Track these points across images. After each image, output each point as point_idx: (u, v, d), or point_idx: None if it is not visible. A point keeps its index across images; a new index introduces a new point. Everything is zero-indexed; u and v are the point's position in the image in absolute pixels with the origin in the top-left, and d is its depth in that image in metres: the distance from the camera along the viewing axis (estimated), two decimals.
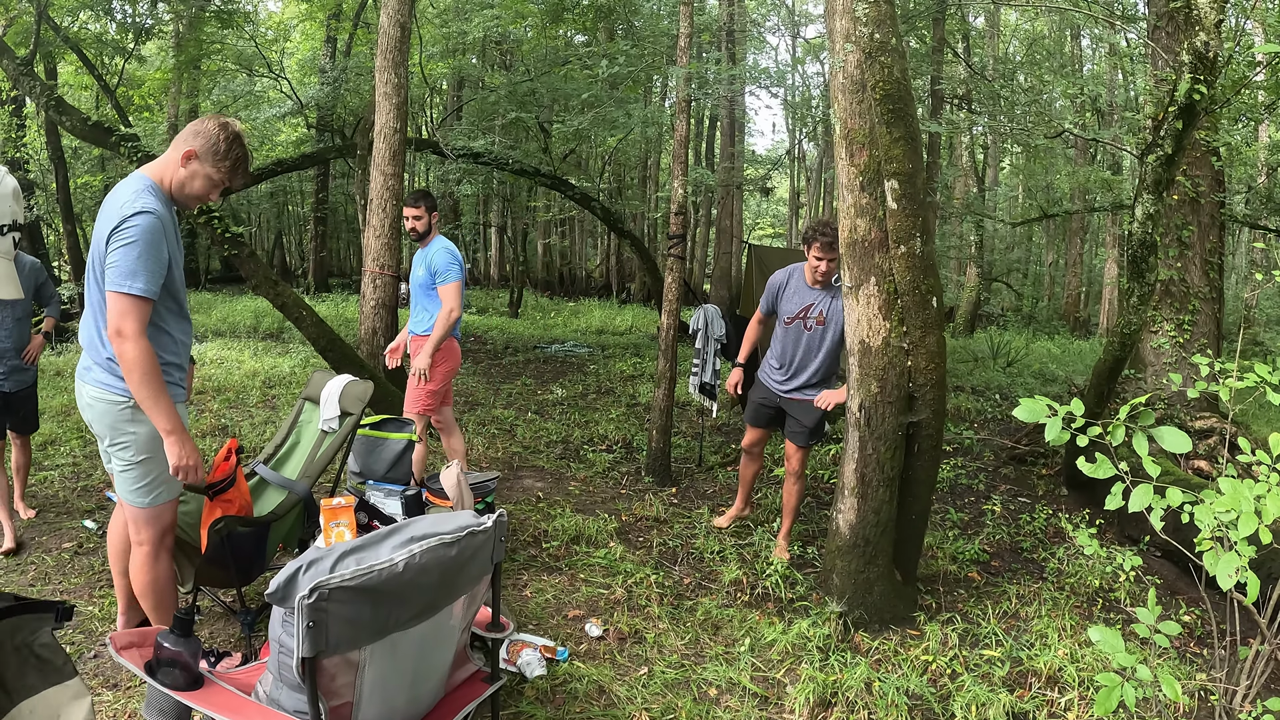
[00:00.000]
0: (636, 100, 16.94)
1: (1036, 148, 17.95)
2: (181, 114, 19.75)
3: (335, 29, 20.06)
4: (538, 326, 16.74)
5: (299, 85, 19.29)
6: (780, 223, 37.12)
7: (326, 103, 17.95)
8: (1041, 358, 14.26)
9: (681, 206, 6.42)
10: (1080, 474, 6.07)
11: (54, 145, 15.17)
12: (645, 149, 25.79)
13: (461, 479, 3.97)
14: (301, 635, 1.89)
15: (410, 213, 5.27)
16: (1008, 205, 26.64)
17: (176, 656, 2.35)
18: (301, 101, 18.15)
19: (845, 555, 4.20)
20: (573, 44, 18.64)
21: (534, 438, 7.65)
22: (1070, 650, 3.81)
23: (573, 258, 30.80)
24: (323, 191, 22.62)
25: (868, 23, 3.98)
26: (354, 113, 18.68)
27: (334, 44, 20.50)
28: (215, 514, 3.63)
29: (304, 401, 4.28)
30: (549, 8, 14.30)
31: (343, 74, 17.41)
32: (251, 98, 20.27)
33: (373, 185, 7.63)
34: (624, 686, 3.54)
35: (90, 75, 12.91)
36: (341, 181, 24.96)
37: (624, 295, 25.86)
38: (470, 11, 14.72)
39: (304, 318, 7.10)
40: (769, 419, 5.18)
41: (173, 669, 2.34)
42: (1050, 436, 2.55)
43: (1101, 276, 21.76)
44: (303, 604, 1.86)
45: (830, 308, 4.81)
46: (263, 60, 18.76)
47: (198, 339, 12.14)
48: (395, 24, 7.49)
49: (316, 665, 1.96)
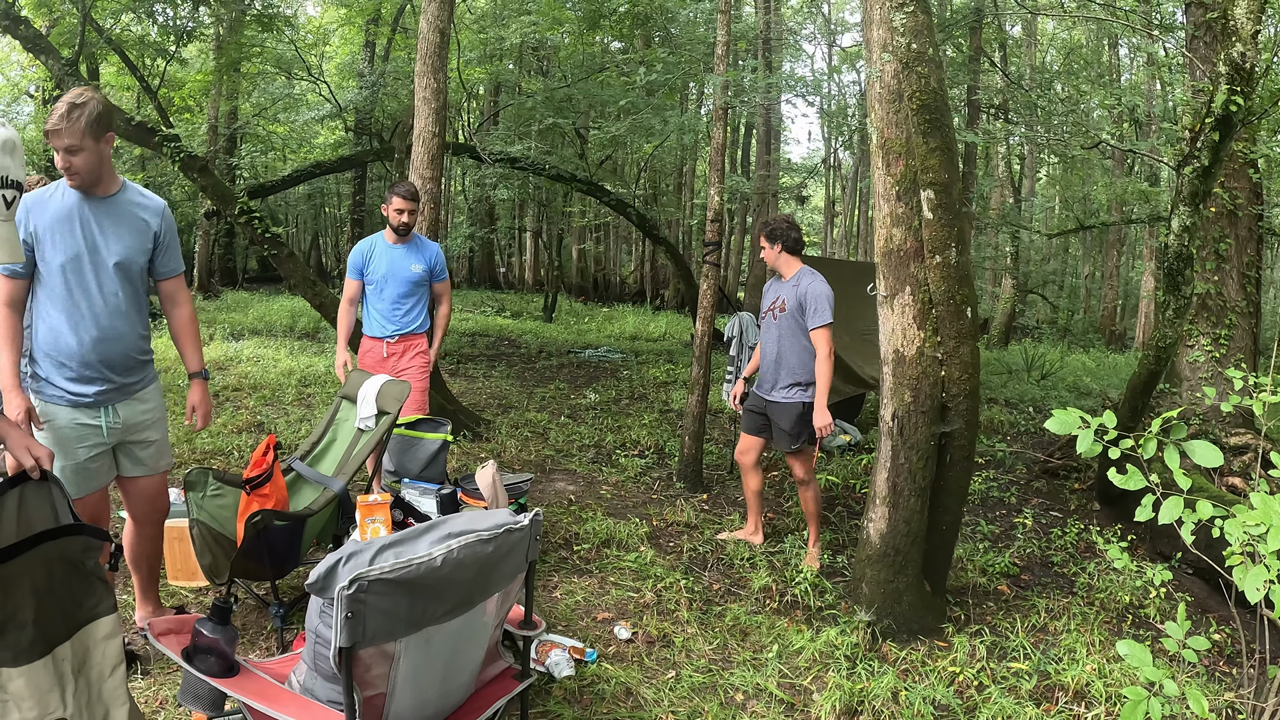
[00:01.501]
0: (673, 107, 16.98)
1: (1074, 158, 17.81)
2: (221, 115, 20.07)
3: (374, 34, 20.28)
4: (571, 331, 16.81)
5: (337, 89, 19.52)
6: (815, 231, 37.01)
7: (365, 106, 18.15)
8: (1076, 371, 14.12)
9: (718, 214, 6.44)
10: (1112, 489, 6.03)
11: None
12: (681, 156, 25.84)
13: (497, 479, 4.02)
14: (340, 625, 1.93)
15: (407, 207, 5.19)
16: (1044, 216, 26.41)
17: (213, 644, 2.40)
18: (340, 105, 18.37)
19: (875, 564, 4.20)
20: (609, 51, 18.73)
21: (566, 441, 7.70)
22: (1098, 665, 3.79)
23: (607, 263, 30.93)
24: (360, 194, 22.85)
25: (905, 33, 4.00)
26: (392, 116, 18.90)
27: (372, 48, 20.73)
28: (252, 507, 3.70)
29: (341, 400, 4.34)
30: (586, 15, 14.38)
31: (381, 78, 17.61)
32: (290, 100, 20.54)
33: None
34: (651, 689, 3.57)
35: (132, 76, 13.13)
36: (378, 184, 25.19)
37: (658, 302, 25.91)
38: (508, 17, 14.84)
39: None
40: (759, 426, 5.22)
41: (209, 656, 2.39)
42: (1082, 449, 2.55)
43: (1138, 289, 21.49)
44: (342, 595, 1.90)
45: (790, 295, 4.94)
46: (302, 64, 19.01)
47: (234, 337, 12.31)
48: (435, 29, 7.57)
49: (353, 656, 2.00)
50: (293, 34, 18.14)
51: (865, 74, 4.27)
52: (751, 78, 13.05)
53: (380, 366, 5.16)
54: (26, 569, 1.99)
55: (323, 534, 4.06)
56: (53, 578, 2.05)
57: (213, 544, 3.79)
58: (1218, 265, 6.58)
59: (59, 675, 2.04)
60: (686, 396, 6.62)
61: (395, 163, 13.19)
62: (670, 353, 13.94)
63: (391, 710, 2.22)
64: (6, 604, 1.95)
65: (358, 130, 19.46)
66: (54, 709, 2.02)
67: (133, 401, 3.30)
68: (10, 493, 2.31)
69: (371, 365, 5.19)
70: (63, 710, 2.04)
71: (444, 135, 7.52)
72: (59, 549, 2.08)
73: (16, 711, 1.97)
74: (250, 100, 21.13)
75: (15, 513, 2.31)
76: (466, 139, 16.55)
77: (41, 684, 2.01)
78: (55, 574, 2.06)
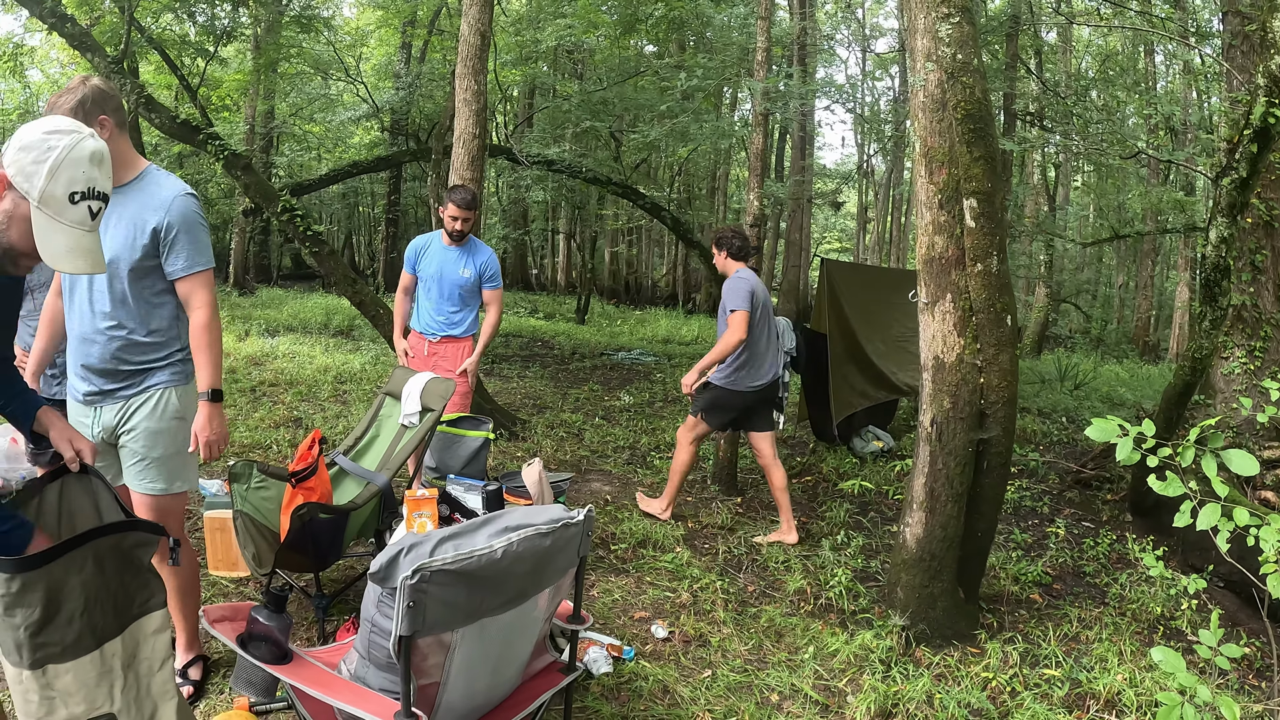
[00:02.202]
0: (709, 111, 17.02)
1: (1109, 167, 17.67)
2: (259, 115, 20.33)
3: (410, 35, 20.46)
4: (604, 334, 16.88)
5: (374, 89, 19.72)
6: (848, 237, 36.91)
7: (401, 107, 18.31)
8: (1110, 382, 14.00)
9: (757, 218, 6.48)
10: (1145, 500, 6.01)
11: (135, 142, 15.62)
12: (715, 160, 25.86)
13: (543, 476, 4.08)
14: (401, 614, 1.99)
15: (463, 215, 5.24)
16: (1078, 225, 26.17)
17: (268, 632, 2.46)
18: (377, 105, 18.55)
19: (910, 569, 4.23)
20: (644, 55, 18.80)
21: (601, 442, 7.76)
22: (1130, 674, 3.80)
23: (639, 266, 31.00)
24: (395, 194, 23.07)
25: (950, 43, 4.02)
26: (428, 117, 19.05)
27: (409, 50, 20.91)
28: (297, 500, 3.77)
29: (384, 396, 4.42)
30: (622, 18, 14.46)
31: (417, 79, 17.78)
32: (326, 101, 20.76)
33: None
34: (687, 688, 3.61)
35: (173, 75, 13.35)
36: (413, 184, 25.42)
37: (690, 305, 25.93)
38: (543, 20, 14.94)
39: (380, 316, 7.29)
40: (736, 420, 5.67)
41: (263, 643, 2.44)
42: (1121, 456, 2.57)
43: (1172, 300, 21.27)
44: (405, 584, 1.96)
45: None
46: (339, 65, 19.22)
47: (269, 334, 12.47)
48: (475, 32, 7.66)
49: (411, 644, 2.06)
50: (330, 35, 18.35)
51: (910, 82, 4.29)
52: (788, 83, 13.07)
53: (423, 363, 5.24)
54: (76, 565, 2.00)
55: (364, 528, 4.13)
56: (104, 572, 2.07)
57: (256, 535, 3.87)
58: (1254, 276, 6.53)
59: (107, 670, 2.06)
60: None
61: (432, 164, 13.31)
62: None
63: (443, 699, 2.28)
64: (54, 600, 1.96)
65: (393, 131, 19.64)
66: (101, 704, 2.04)
67: (120, 409, 3.02)
68: (52, 485, 2.36)
69: (415, 361, 5.27)
70: (110, 705, 2.05)
71: (484, 137, 7.61)
72: (112, 543, 2.10)
73: (64, 708, 1.99)
74: (287, 100, 21.36)
75: (56, 504, 2.36)
76: (503, 141, 16.67)
77: (89, 679, 2.03)
78: (107, 569, 2.08)
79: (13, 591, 1.91)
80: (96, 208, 2.02)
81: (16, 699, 2.00)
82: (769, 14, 6.65)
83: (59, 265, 2.01)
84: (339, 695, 2.27)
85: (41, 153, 1.94)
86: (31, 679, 1.96)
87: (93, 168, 2.00)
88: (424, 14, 18.01)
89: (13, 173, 1.94)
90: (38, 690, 1.97)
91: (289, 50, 17.22)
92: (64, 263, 2.00)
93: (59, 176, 1.95)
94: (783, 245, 23.61)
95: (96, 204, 2.02)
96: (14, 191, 1.95)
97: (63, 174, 1.96)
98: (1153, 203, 16.58)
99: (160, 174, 3.02)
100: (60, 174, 1.95)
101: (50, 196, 1.95)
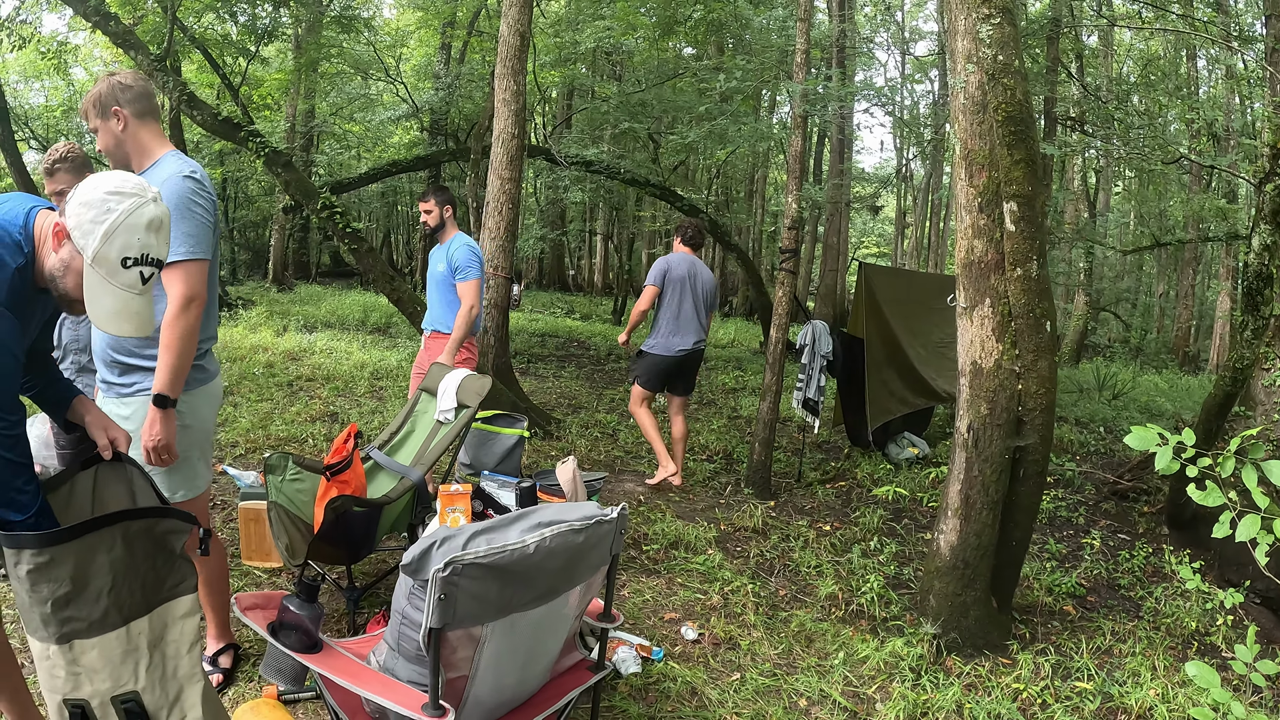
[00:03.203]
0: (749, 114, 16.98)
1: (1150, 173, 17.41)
2: (299, 113, 20.56)
3: (449, 36, 20.61)
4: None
5: (413, 90, 19.87)
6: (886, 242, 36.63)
7: (440, 107, 18.44)
8: (1149, 392, 13.81)
9: (795, 221, 6.45)
10: (1182, 514, 5.91)
11: (177, 138, 15.86)
12: (753, 163, 25.79)
13: (577, 475, 4.08)
14: (432, 607, 2.00)
15: (422, 206, 5.26)
16: (1118, 232, 25.80)
17: (299, 621, 2.48)
18: (416, 105, 18.69)
19: (944, 577, 4.18)
20: (683, 57, 18.79)
21: (636, 443, 7.76)
22: (1163, 689, 3.73)
23: None
24: None
25: (991, 44, 3.98)
26: (467, 118, 19.17)
27: (448, 51, 21.06)
28: (331, 493, 3.80)
29: (421, 392, 4.45)
30: (660, 20, 14.46)
31: (456, 80, 17.89)
32: (366, 100, 20.95)
33: (489, 189, 7.83)
34: (716, 690, 3.60)
35: (214, 74, 13.55)
36: (452, 184, 25.57)
37: (726, 308, 25.89)
38: (582, 22, 14.98)
39: (417, 313, 7.35)
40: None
41: (294, 632, 2.46)
42: (1160, 465, 2.53)
43: (1213, 310, 20.91)
44: (436, 576, 1.97)
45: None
46: (379, 65, 19.38)
47: (307, 329, 12.61)
48: (515, 33, 7.71)
49: (441, 637, 2.07)
50: (370, 35, 18.53)
51: (950, 84, 4.25)
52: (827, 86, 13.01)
53: (425, 357, 5.33)
54: (105, 543, 2.04)
55: (397, 522, 4.15)
56: (134, 554, 2.10)
57: (289, 526, 3.91)
58: None
59: (134, 649, 2.09)
60: (757, 403, 6.64)
61: (471, 163, 13.39)
62: (739, 359, 13.95)
63: (471, 693, 2.29)
64: (81, 576, 2.00)
65: (432, 131, 19.79)
66: (126, 681, 2.06)
67: (112, 405, 2.94)
68: (85, 472, 2.39)
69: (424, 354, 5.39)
70: (135, 683, 2.08)
71: (523, 137, 7.64)
72: (143, 527, 2.13)
73: (89, 684, 2.02)
74: (328, 99, 21.59)
75: (89, 490, 2.40)
76: (541, 142, 16.74)
77: (115, 656, 2.05)
78: (137, 551, 2.11)
79: (40, 564, 1.94)
80: (149, 274, 2.07)
81: (43, 675, 2.03)
82: (809, 16, 6.61)
83: (104, 327, 2.06)
84: (367, 685, 2.28)
85: (100, 213, 1.99)
86: (59, 653, 1.99)
87: (149, 234, 2.05)
88: (463, 15, 18.14)
89: (72, 225, 1.99)
90: (64, 665, 2.00)
91: (329, 50, 17.40)
92: (109, 324, 2.05)
93: (114, 240, 2.00)
94: (820, 249, 23.48)
95: (149, 270, 2.07)
96: (72, 243, 2.00)
97: (118, 238, 2.00)
98: (1194, 210, 16.30)
99: (170, 158, 2.96)
100: (115, 238, 2.00)
101: (103, 258, 1.99)
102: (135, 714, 2.05)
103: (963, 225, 4.12)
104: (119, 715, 2.04)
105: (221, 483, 5.76)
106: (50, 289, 2.10)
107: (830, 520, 5.99)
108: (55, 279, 2.06)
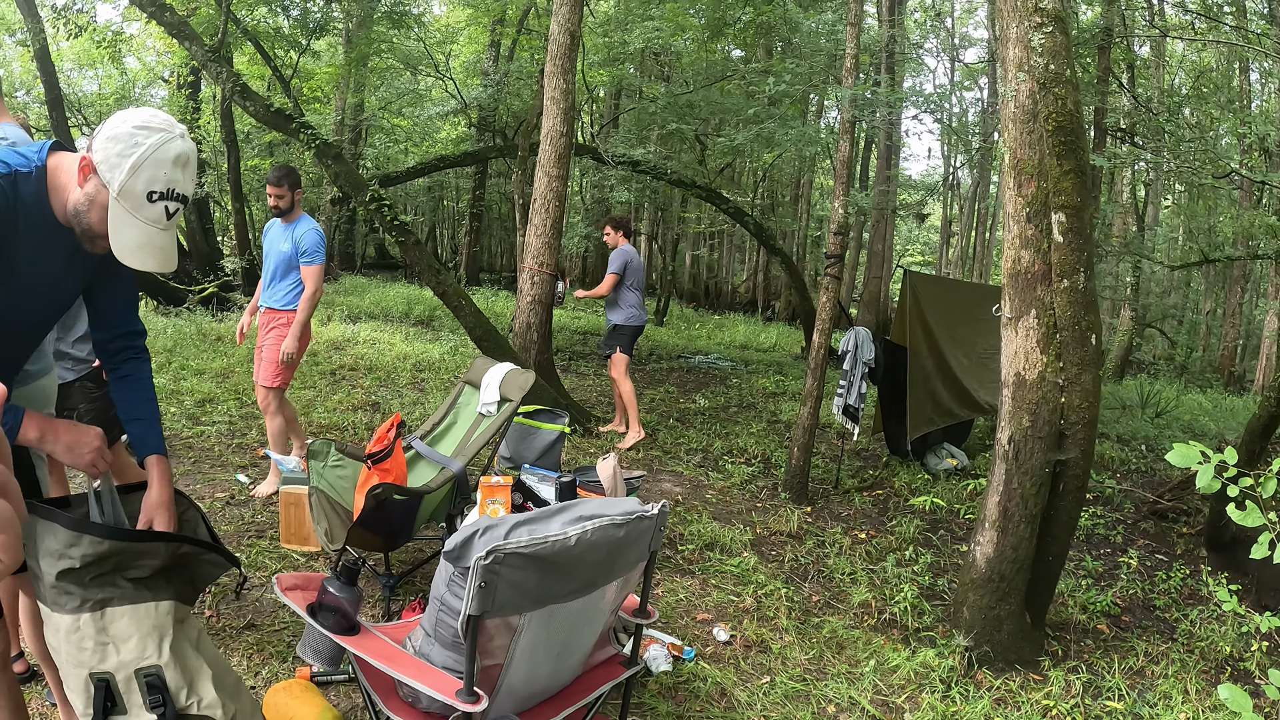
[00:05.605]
0: (796, 117, 16.93)
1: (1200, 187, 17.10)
2: (349, 107, 20.79)
3: (499, 34, 20.74)
4: (682, 336, 16.91)
5: (462, 86, 20.02)
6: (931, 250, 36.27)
7: (488, 104, 18.57)
8: (1192, 410, 13.57)
9: (841, 226, 6.44)
10: (1221, 536, 5.81)
11: (228, 129, 16.14)
12: (799, 167, 25.69)
13: (618, 471, 4.11)
14: (472, 594, 2.03)
15: (272, 191, 5.25)
16: (1166, 247, 25.35)
17: (338, 603, 2.52)
18: (464, 102, 18.82)
19: (978, 589, 4.16)
20: (731, 59, 18.77)
21: (674, 444, 7.79)
22: (1194, 713, 3.69)
23: (719, 271, 30.95)
24: (480, 189, 23.37)
25: (1043, 53, 3.95)
26: (515, 115, 19.30)
27: (497, 48, 21.20)
28: (372, 480, 3.87)
29: (464, 384, 4.50)
30: (709, 22, 14.46)
31: (505, 77, 18.00)
32: (415, 96, 21.14)
33: (536, 186, 7.89)
34: (745, 692, 3.61)
35: (267, 66, 13.74)
36: (498, 180, 25.74)
37: (769, 313, 25.80)
38: (631, 22, 15.02)
39: (463, 307, 7.41)
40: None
41: (333, 613, 2.50)
42: (1201, 484, 2.50)
43: (1260, 329, 20.47)
44: (478, 564, 2.00)
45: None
46: (429, 61, 19.54)
47: (351, 320, 12.75)
48: (565, 31, 7.76)
49: (479, 624, 2.10)
50: (420, 32, 18.69)
51: (1000, 92, 4.22)
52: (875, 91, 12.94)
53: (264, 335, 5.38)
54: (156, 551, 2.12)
55: (436, 512, 4.22)
56: (174, 565, 2.17)
57: (329, 512, 3.98)
58: None
59: (161, 623, 2.12)
60: (797, 408, 6.63)
61: (518, 160, 13.48)
62: (780, 364, 13.91)
63: (505, 682, 2.32)
64: (124, 566, 2.06)
65: (480, 127, 19.93)
66: (150, 654, 2.08)
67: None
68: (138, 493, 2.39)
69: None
70: (159, 657, 2.10)
71: (571, 135, 7.69)
72: (194, 553, 2.20)
73: (115, 654, 2.05)
74: (377, 94, 21.81)
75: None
76: (588, 141, 16.80)
77: (144, 626, 2.08)
78: (178, 562, 2.18)
79: (97, 553, 1.99)
80: (174, 208, 2.06)
81: (68, 651, 2.05)
82: (858, 20, 6.59)
83: (127, 260, 2.04)
84: (403, 669, 2.32)
85: (128, 146, 1.98)
86: (90, 622, 2.03)
87: (175, 169, 2.04)
88: (513, 13, 18.25)
89: (98, 159, 1.98)
90: (93, 635, 2.03)
91: (379, 45, 17.58)
92: (132, 258, 2.04)
93: (140, 174, 1.99)
94: (865, 255, 23.34)
95: (174, 205, 2.06)
96: (98, 177, 2.00)
97: (144, 172, 2.00)
98: (1244, 226, 15.98)
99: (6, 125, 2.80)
100: (142, 172, 1.99)
101: (129, 191, 1.99)
102: (156, 688, 2.07)
103: (1010, 235, 4.09)
104: (141, 688, 2.07)
105: (263, 466, 5.87)
106: (74, 225, 2.08)
107: (866, 528, 5.97)
108: (80, 213, 2.05)
